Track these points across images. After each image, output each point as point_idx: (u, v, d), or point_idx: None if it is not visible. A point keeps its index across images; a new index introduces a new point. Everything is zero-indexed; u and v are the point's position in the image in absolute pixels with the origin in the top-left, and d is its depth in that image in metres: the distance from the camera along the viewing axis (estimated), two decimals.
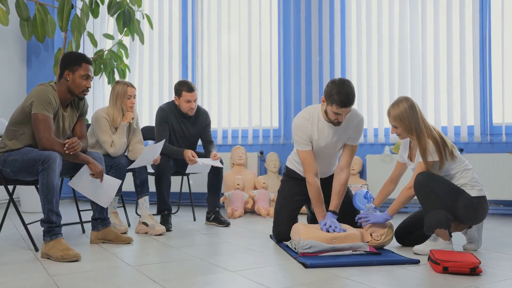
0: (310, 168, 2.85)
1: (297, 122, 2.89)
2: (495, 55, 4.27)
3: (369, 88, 4.62)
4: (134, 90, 3.48)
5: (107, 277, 2.21)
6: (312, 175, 2.85)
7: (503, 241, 3.07)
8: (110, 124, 3.37)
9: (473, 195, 2.60)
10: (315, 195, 2.85)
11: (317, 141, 2.88)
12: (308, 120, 2.87)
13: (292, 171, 3.16)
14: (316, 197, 2.85)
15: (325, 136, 2.87)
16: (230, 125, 5.04)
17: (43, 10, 4.45)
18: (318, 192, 2.85)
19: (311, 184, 2.84)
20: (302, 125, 2.86)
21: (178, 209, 4.52)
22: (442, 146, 2.60)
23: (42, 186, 2.55)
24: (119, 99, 3.40)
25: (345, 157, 2.92)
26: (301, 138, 2.86)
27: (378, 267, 2.37)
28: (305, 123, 2.86)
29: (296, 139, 2.89)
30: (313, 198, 2.87)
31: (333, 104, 2.66)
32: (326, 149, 2.91)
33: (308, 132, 2.85)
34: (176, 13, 5.32)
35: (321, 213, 2.85)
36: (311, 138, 2.87)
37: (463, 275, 2.20)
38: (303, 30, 4.81)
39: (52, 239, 2.56)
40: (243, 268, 2.36)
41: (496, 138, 4.24)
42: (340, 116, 2.71)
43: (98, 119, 3.35)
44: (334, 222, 2.72)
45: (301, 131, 2.85)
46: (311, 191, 2.86)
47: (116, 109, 3.40)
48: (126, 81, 3.53)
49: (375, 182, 4.41)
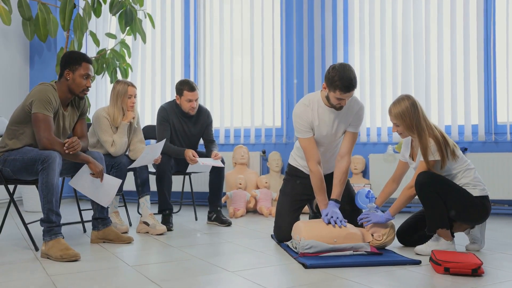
0: (312, 156, 2.82)
1: (297, 109, 2.88)
2: (500, 53, 4.23)
3: (372, 87, 4.58)
4: (135, 89, 3.47)
5: (106, 277, 2.20)
6: (314, 163, 2.82)
7: (506, 241, 3.03)
8: (110, 123, 3.36)
9: (475, 195, 2.57)
10: (318, 183, 2.82)
11: (318, 127, 2.86)
12: (308, 106, 2.85)
13: (294, 168, 3.14)
14: (319, 185, 2.83)
15: (325, 122, 2.86)
16: (232, 124, 5.02)
17: (45, 9, 4.45)
18: (321, 181, 2.83)
19: (314, 172, 2.82)
20: (302, 111, 2.85)
21: (180, 208, 4.52)
22: (444, 145, 2.57)
23: (42, 185, 2.55)
24: (119, 98, 3.40)
25: (346, 144, 2.89)
26: (301, 125, 2.84)
27: (378, 268, 2.35)
28: (305, 109, 2.85)
29: (297, 126, 2.87)
30: (315, 186, 2.84)
31: (336, 90, 2.66)
32: (327, 136, 2.89)
33: (309, 119, 2.84)
34: (179, 12, 5.31)
35: (323, 201, 2.84)
36: (312, 124, 2.85)
37: (465, 276, 2.17)
38: (306, 29, 4.78)
39: (52, 239, 2.55)
40: (243, 269, 2.35)
41: (500, 137, 4.20)
42: (343, 100, 2.72)
43: (98, 118, 3.35)
44: (336, 212, 2.71)
45: (301, 118, 2.84)
46: (313, 179, 2.83)
47: (116, 109, 3.39)
48: (127, 80, 3.52)
49: (378, 181, 4.38)
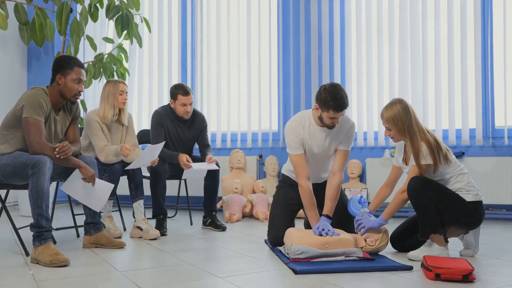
0: (302, 171, 2.84)
1: (289, 125, 2.92)
2: (497, 57, 4.20)
3: (369, 91, 4.56)
4: (126, 86, 3.47)
5: (93, 283, 2.18)
6: (304, 179, 2.83)
7: (503, 247, 2.99)
8: (101, 124, 3.34)
9: (468, 200, 2.54)
10: (307, 198, 2.83)
11: (310, 146, 2.88)
12: (300, 124, 2.89)
13: (287, 177, 3.16)
14: (309, 200, 2.83)
15: (317, 140, 2.88)
16: (229, 128, 5.01)
17: (42, 14, 4.44)
18: (310, 196, 2.83)
19: (304, 188, 2.83)
20: (294, 128, 2.88)
21: (176, 213, 4.50)
22: (436, 149, 2.55)
23: (32, 190, 2.54)
24: (111, 96, 3.37)
25: (338, 161, 2.91)
26: (293, 141, 2.86)
27: (369, 274, 2.32)
28: (297, 126, 2.88)
29: (288, 142, 2.89)
30: (306, 202, 2.84)
31: (330, 110, 2.70)
32: (319, 154, 2.92)
33: (300, 136, 2.87)
34: (176, 16, 5.31)
35: (314, 217, 2.82)
36: (304, 142, 2.87)
37: (456, 282, 2.14)
38: (303, 33, 4.77)
39: (42, 244, 2.54)
40: (232, 274, 2.32)
41: (498, 141, 4.17)
42: (336, 119, 2.77)
43: (89, 122, 3.33)
44: (327, 225, 2.69)
45: (293, 134, 2.87)
46: (303, 195, 2.84)
47: (108, 105, 3.36)
48: (117, 78, 3.50)
49: (375, 185, 4.35)
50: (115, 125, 3.44)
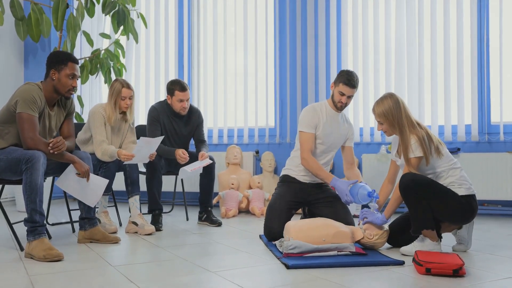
0: (307, 147, 3.05)
1: (307, 108, 3.17)
2: (493, 53, 4.19)
3: (365, 87, 4.56)
4: (131, 91, 3.39)
5: (86, 277, 2.19)
6: (308, 153, 3.05)
7: (497, 242, 3.00)
8: (105, 120, 3.34)
9: (461, 194, 2.54)
10: (314, 165, 3.03)
11: (324, 125, 3.09)
12: (318, 107, 3.15)
13: (287, 176, 3.22)
14: (315, 166, 3.03)
15: (331, 122, 3.12)
16: (225, 124, 5.01)
17: (38, 9, 4.45)
18: (314, 161, 3.04)
19: (307, 159, 3.04)
20: (312, 110, 3.13)
21: (172, 208, 4.51)
22: (427, 142, 2.55)
23: (26, 185, 2.55)
24: (113, 97, 3.37)
25: (350, 156, 3.25)
26: (308, 120, 3.08)
27: (361, 268, 2.34)
28: (315, 109, 3.14)
29: (303, 120, 3.09)
30: (313, 168, 3.03)
31: (340, 83, 3.01)
32: (331, 136, 3.13)
33: (316, 118, 3.09)
34: (172, 12, 5.30)
35: (328, 176, 3.01)
36: (318, 125, 3.08)
37: (446, 276, 2.15)
38: (299, 29, 4.77)
39: (35, 239, 2.55)
40: (224, 269, 2.33)
41: (494, 137, 4.17)
42: (343, 97, 3.03)
43: (94, 113, 3.33)
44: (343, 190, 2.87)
45: (310, 114, 3.10)
46: (308, 163, 3.03)
47: (110, 107, 3.37)
48: (124, 81, 3.41)
49: (371, 181, 4.34)
50: (119, 121, 3.44)
